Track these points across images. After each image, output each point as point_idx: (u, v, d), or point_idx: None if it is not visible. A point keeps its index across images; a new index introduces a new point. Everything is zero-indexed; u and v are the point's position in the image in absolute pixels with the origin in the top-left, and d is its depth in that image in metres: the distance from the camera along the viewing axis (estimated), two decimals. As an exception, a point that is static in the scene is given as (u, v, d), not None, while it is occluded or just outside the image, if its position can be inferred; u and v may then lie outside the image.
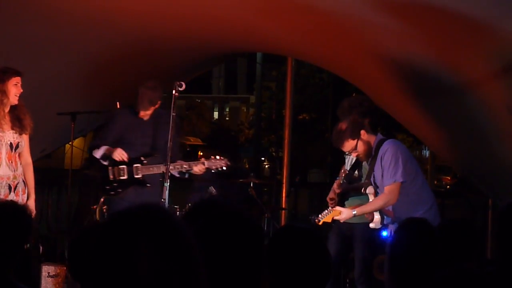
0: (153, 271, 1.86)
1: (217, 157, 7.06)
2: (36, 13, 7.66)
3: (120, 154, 6.96)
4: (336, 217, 6.43)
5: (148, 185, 7.03)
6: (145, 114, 7.11)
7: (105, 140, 7.10)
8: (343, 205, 6.74)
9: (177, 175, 6.84)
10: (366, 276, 6.71)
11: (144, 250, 1.86)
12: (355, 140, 6.35)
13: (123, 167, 7.02)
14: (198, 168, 6.92)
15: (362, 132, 6.36)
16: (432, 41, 7.17)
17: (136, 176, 7.01)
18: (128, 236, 1.88)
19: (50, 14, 7.70)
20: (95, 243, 1.92)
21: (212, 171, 7.08)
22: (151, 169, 6.97)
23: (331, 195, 7.00)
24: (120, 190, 7.02)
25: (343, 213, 6.41)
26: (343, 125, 6.37)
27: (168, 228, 1.92)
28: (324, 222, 6.52)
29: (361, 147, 6.39)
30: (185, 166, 6.80)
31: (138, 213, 1.94)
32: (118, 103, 7.22)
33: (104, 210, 7.12)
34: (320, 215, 6.49)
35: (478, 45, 6.89)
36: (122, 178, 7.02)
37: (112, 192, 7.03)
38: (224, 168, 7.04)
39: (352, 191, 6.91)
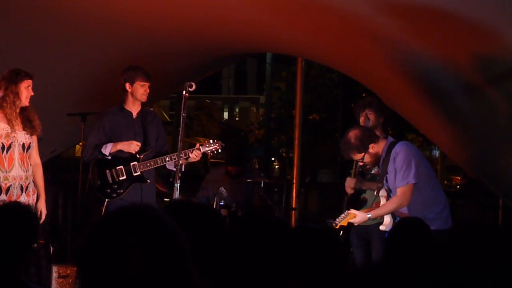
0: (144, 267, 1.89)
1: (211, 141, 7.12)
2: (46, 14, 7.68)
3: (135, 146, 7.01)
4: (351, 220, 6.42)
5: (148, 181, 7.06)
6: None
7: (100, 141, 7.11)
8: (357, 203, 6.74)
9: (174, 169, 6.86)
10: None
11: (134, 247, 1.90)
12: (362, 154, 6.37)
13: (121, 167, 7.02)
14: (194, 154, 6.97)
15: (371, 145, 6.36)
16: (441, 44, 7.16)
17: (135, 174, 7.03)
18: (118, 234, 1.93)
19: (60, 15, 7.72)
20: (88, 241, 1.96)
21: (210, 154, 7.26)
22: (148, 164, 7.00)
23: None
24: (121, 191, 7.03)
25: (358, 216, 6.41)
26: (351, 138, 6.36)
27: (157, 225, 1.97)
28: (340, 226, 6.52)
29: (367, 159, 6.42)
30: (182, 155, 6.81)
31: (127, 212, 1.99)
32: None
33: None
34: (337, 219, 6.48)
35: (484, 49, 6.91)
36: (121, 178, 7.03)
37: (114, 195, 7.04)
38: (219, 150, 7.12)
39: (367, 187, 6.90)
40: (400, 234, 4.21)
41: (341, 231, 6.60)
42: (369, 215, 6.40)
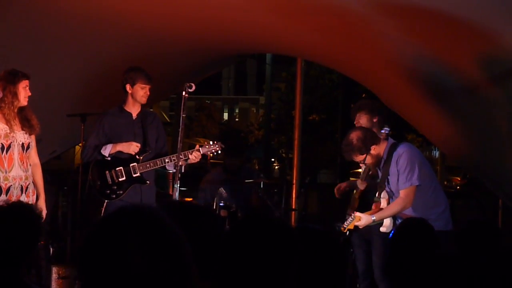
0: (144, 267, 1.89)
1: (211, 142, 7.13)
2: (46, 14, 7.68)
3: (135, 147, 7.00)
4: (356, 223, 6.42)
5: (148, 182, 7.05)
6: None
7: (100, 142, 7.10)
8: (365, 205, 6.74)
9: (173, 170, 6.85)
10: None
11: (134, 247, 1.90)
12: (364, 155, 6.36)
13: (120, 169, 7.02)
14: (194, 156, 6.97)
15: (373, 147, 6.36)
16: (441, 44, 7.17)
17: (134, 175, 7.02)
18: (118, 234, 1.93)
19: (60, 16, 7.71)
20: (88, 241, 1.96)
21: (210, 155, 7.27)
22: (148, 166, 6.99)
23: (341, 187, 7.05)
24: (120, 192, 7.03)
25: (363, 219, 6.40)
26: (353, 139, 6.35)
27: (157, 226, 1.97)
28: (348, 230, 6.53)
29: (369, 160, 6.42)
30: (181, 156, 6.81)
31: (128, 212, 1.99)
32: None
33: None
34: (345, 223, 6.48)
35: (483, 50, 6.92)
36: (121, 179, 7.03)
37: (113, 196, 7.03)
38: (219, 151, 7.11)
39: (374, 188, 6.89)
40: (405, 234, 4.22)
41: (346, 233, 6.61)
42: (374, 218, 6.39)
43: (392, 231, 6.41)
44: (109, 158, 7.02)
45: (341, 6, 6.99)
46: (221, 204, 7.81)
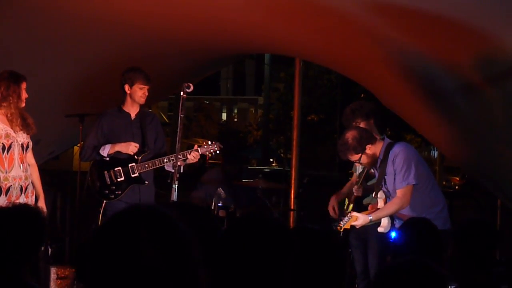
0: (155, 264, 1.88)
1: (209, 142, 7.14)
2: (44, 15, 7.67)
3: (134, 147, 7.00)
4: (353, 223, 6.41)
5: (146, 182, 7.05)
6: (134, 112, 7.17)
7: (98, 142, 7.10)
8: (361, 206, 6.73)
9: (172, 170, 6.84)
10: None
11: (147, 243, 1.89)
12: (359, 154, 6.36)
13: (119, 169, 7.02)
14: (192, 156, 6.97)
15: (368, 146, 6.35)
16: (440, 45, 7.17)
17: (133, 175, 7.03)
18: (131, 231, 1.92)
19: (58, 16, 7.71)
20: (98, 241, 1.95)
21: (209, 155, 7.27)
22: (146, 166, 6.99)
23: (333, 202, 7.01)
24: (119, 192, 7.03)
25: (360, 219, 6.39)
26: (348, 139, 6.34)
27: (167, 224, 1.96)
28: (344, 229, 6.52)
29: (364, 159, 6.41)
30: (179, 157, 6.80)
31: (138, 210, 1.98)
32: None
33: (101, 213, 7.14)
34: (341, 222, 6.47)
35: (482, 51, 6.93)
36: (119, 180, 7.03)
37: (112, 196, 7.03)
38: (218, 151, 7.12)
39: (370, 191, 6.89)
40: (410, 234, 4.22)
41: (341, 233, 6.60)
42: (371, 217, 6.38)
43: (395, 232, 6.43)
44: (107, 159, 7.03)
45: (340, 7, 6.99)
46: (219, 204, 7.81)
